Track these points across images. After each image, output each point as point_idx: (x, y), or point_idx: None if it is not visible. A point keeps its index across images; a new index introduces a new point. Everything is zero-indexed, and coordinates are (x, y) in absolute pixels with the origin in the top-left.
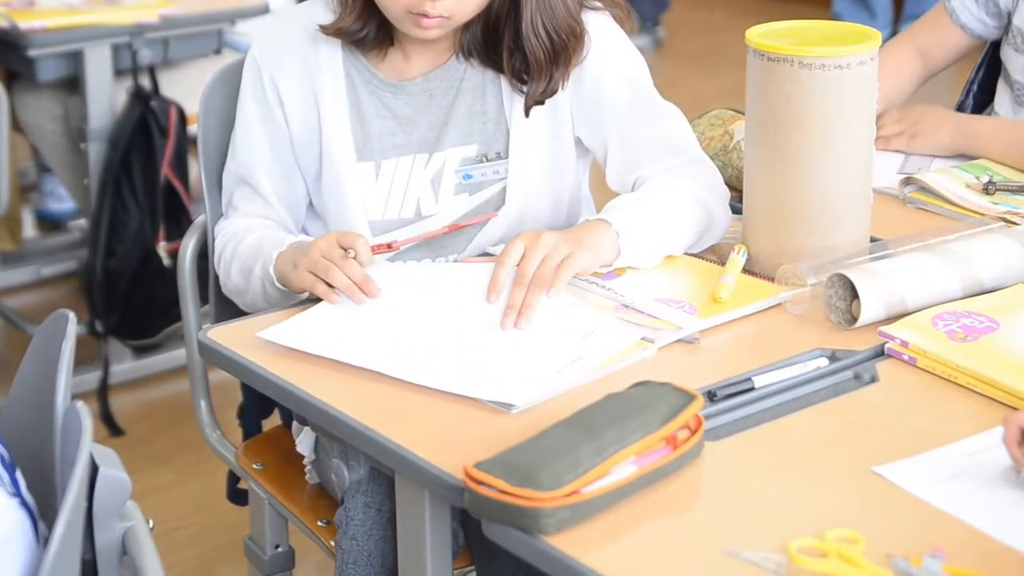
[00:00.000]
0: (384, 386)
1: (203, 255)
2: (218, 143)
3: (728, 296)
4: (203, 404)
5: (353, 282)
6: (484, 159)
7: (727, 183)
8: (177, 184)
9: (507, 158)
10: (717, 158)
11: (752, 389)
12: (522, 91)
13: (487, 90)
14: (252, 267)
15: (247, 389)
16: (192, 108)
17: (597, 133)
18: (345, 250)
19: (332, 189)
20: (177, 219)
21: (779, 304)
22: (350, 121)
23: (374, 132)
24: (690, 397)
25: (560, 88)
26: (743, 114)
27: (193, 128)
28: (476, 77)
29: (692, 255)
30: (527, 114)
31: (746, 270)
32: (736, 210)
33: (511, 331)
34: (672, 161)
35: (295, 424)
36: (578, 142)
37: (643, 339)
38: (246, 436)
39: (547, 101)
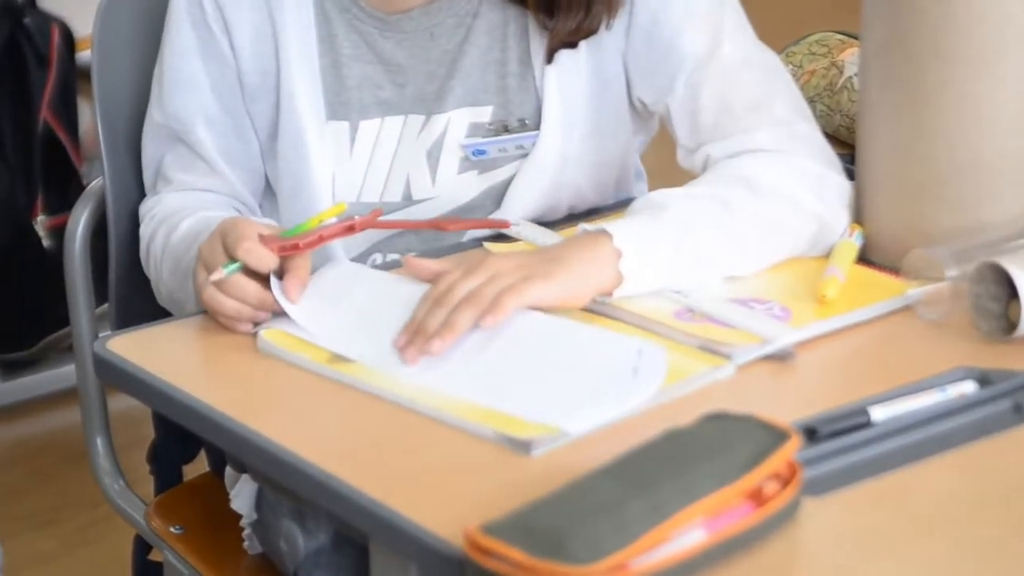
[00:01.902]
0: (353, 419)
1: (100, 234)
2: (121, 78)
3: (836, 294)
4: (100, 443)
5: (244, 300)
6: (504, 129)
7: (833, 135)
8: (62, 134)
9: (536, 129)
10: (820, 101)
11: (869, 424)
12: (547, 28)
13: (509, 32)
14: (188, 268)
15: (162, 422)
16: (84, 28)
17: (662, 98)
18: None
19: (290, 156)
20: (62, 183)
21: (907, 306)
22: (320, 64)
23: (352, 80)
24: (781, 435)
25: (603, 26)
26: (857, 38)
27: (85, 56)
28: (495, 12)
29: None
30: (549, 59)
31: (861, 258)
32: (847, 174)
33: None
34: (760, 135)
35: (229, 471)
36: (641, 107)
37: (715, 353)
38: (161, 488)
39: (590, 49)
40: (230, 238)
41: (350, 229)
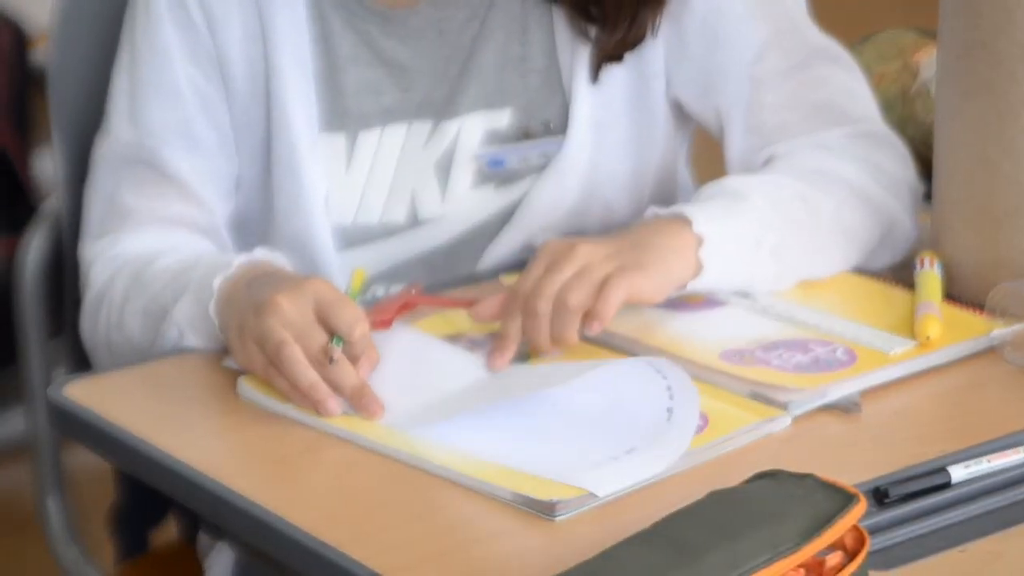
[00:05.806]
0: (349, 479)
1: (55, 262)
2: (84, 83)
3: (939, 333)
4: (52, 504)
5: (339, 385)
6: (525, 135)
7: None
8: (11, 148)
9: (562, 133)
10: (892, 110)
11: (948, 486)
12: (586, 36)
13: (530, 23)
14: (167, 306)
15: (126, 481)
16: (38, 22)
17: (709, 96)
18: (331, 336)
19: (282, 174)
20: (11, 205)
21: (991, 349)
22: (313, 68)
23: (349, 86)
24: (846, 498)
25: (649, 32)
26: (934, 38)
27: (40, 56)
28: (512, 1)
29: None
30: (595, 76)
31: None
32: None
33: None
34: (828, 134)
35: (203, 538)
36: (677, 107)
37: (769, 402)
38: (123, 557)
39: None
40: (338, 315)
41: (405, 307)
